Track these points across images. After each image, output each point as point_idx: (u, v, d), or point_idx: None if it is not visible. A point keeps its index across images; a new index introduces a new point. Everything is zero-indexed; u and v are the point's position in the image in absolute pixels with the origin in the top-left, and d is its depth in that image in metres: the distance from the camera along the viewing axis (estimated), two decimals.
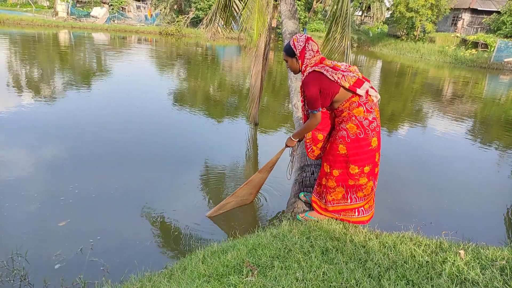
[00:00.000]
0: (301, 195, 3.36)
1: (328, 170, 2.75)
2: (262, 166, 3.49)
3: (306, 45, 2.66)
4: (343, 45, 5.07)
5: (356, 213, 2.81)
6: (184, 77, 13.07)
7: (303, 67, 2.69)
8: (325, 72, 2.55)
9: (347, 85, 2.53)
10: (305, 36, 2.72)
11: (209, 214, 3.70)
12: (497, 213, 4.48)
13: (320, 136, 2.86)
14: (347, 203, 2.79)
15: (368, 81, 2.63)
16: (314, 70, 2.58)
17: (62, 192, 4.06)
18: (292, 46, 2.70)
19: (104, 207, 3.91)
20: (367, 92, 2.57)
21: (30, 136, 5.69)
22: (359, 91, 2.54)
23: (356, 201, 2.78)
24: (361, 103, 2.57)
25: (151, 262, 2.86)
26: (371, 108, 2.60)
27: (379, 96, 2.65)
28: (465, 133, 8.28)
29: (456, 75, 19.84)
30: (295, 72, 2.82)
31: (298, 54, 2.68)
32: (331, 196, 2.79)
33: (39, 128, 6.11)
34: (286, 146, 3.05)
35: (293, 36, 2.76)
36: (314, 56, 2.66)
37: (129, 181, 4.56)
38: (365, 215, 2.84)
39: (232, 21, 6.76)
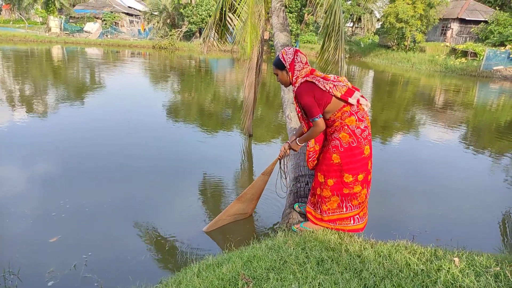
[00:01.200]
0: (296, 205, 3.36)
1: (323, 180, 2.76)
2: (265, 169, 3.48)
3: (295, 57, 2.71)
4: (337, 57, 5.16)
5: (352, 222, 2.82)
6: (178, 90, 13.11)
7: (293, 79, 2.73)
8: (316, 82, 2.59)
9: (339, 95, 2.57)
10: (294, 48, 2.77)
11: (205, 228, 3.67)
12: (491, 220, 4.50)
13: (317, 147, 2.88)
14: (342, 212, 2.80)
15: (358, 90, 2.68)
16: (306, 80, 2.62)
17: (54, 208, 4.02)
18: (282, 59, 2.74)
19: (98, 221, 3.87)
20: (358, 101, 2.61)
21: (21, 152, 5.64)
22: (350, 100, 2.58)
23: (351, 210, 2.79)
24: (353, 112, 2.60)
25: (146, 277, 2.84)
26: (363, 116, 2.63)
27: (369, 105, 2.69)
28: (457, 141, 8.36)
29: (447, 83, 20.11)
30: (286, 85, 2.85)
31: (288, 67, 2.72)
32: (327, 206, 2.80)
33: (30, 144, 6.07)
34: (291, 149, 3.06)
35: (282, 50, 2.81)
36: (304, 68, 2.71)
37: (122, 195, 4.53)
38: (360, 222, 2.85)
39: (226, 34, 6.84)
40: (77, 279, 2.93)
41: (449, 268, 2.13)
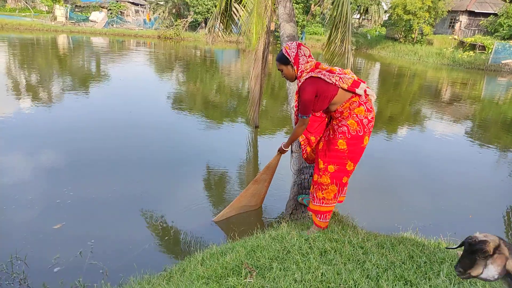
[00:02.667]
0: (299, 198, 3.37)
1: (322, 166, 2.71)
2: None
3: (299, 51, 2.67)
4: (343, 49, 5.11)
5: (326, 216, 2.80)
6: (183, 81, 13.10)
7: (298, 73, 2.69)
8: (322, 76, 2.55)
9: (345, 86, 2.55)
10: (296, 42, 2.73)
11: (215, 218, 3.69)
12: (496, 215, 4.49)
13: (313, 139, 2.90)
14: (333, 204, 2.77)
15: (364, 82, 2.65)
16: (311, 76, 2.58)
17: (60, 196, 4.06)
18: (285, 54, 2.70)
19: (103, 210, 3.92)
20: (365, 91, 2.60)
21: (27, 141, 5.69)
22: (358, 90, 2.56)
23: (337, 199, 2.79)
24: (362, 102, 2.59)
25: (150, 265, 2.87)
26: (371, 107, 2.63)
27: (375, 96, 2.68)
28: (464, 135, 8.31)
29: (454, 77, 19.90)
30: (292, 80, 2.80)
31: (293, 61, 2.68)
32: (322, 194, 2.73)
33: (36, 133, 6.10)
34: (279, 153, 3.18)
35: (284, 45, 2.76)
36: (308, 61, 2.67)
37: (127, 185, 4.56)
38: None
39: (232, 25, 6.80)
40: (83, 266, 2.98)
41: (452, 260, 2.13)
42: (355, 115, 2.59)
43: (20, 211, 3.75)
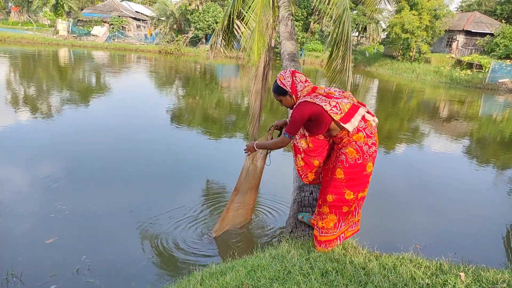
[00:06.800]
0: (300, 216, 3.34)
1: (323, 196, 2.70)
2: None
3: (294, 78, 2.64)
4: (344, 66, 5.17)
5: (338, 241, 2.77)
6: (183, 95, 13.17)
7: (297, 101, 2.64)
8: (318, 102, 2.50)
9: (337, 118, 2.47)
10: (290, 70, 2.69)
11: (215, 234, 3.65)
12: (496, 234, 4.47)
13: (316, 162, 2.83)
14: (335, 233, 2.72)
15: (364, 105, 2.62)
16: (306, 101, 2.53)
17: (55, 211, 4.02)
18: (281, 85, 2.66)
19: (100, 226, 3.87)
20: (363, 117, 2.55)
21: (23, 154, 5.65)
22: (347, 125, 2.48)
23: (341, 228, 2.74)
24: (361, 128, 2.53)
25: (148, 284, 2.82)
26: (371, 133, 2.56)
27: (377, 120, 2.62)
28: (462, 153, 8.32)
29: (452, 94, 20.08)
30: (292, 108, 2.73)
31: (290, 90, 2.64)
32: (322, 223, 2.72)
33: (32, 146, 6.07)
34: (245, 150, 3.15)
35: (278, 75, 2.71)
36: (305, 86, 2.64)
37: (123, 199, 4.52)
38: (343, 240, 2.80)
39: (234, 41, 6.88)
40: (80, 284, 2.92)
41: (455, 283, 2.11)
42: (354, 143, 2.53)
43: (14, 225, 3.70)
